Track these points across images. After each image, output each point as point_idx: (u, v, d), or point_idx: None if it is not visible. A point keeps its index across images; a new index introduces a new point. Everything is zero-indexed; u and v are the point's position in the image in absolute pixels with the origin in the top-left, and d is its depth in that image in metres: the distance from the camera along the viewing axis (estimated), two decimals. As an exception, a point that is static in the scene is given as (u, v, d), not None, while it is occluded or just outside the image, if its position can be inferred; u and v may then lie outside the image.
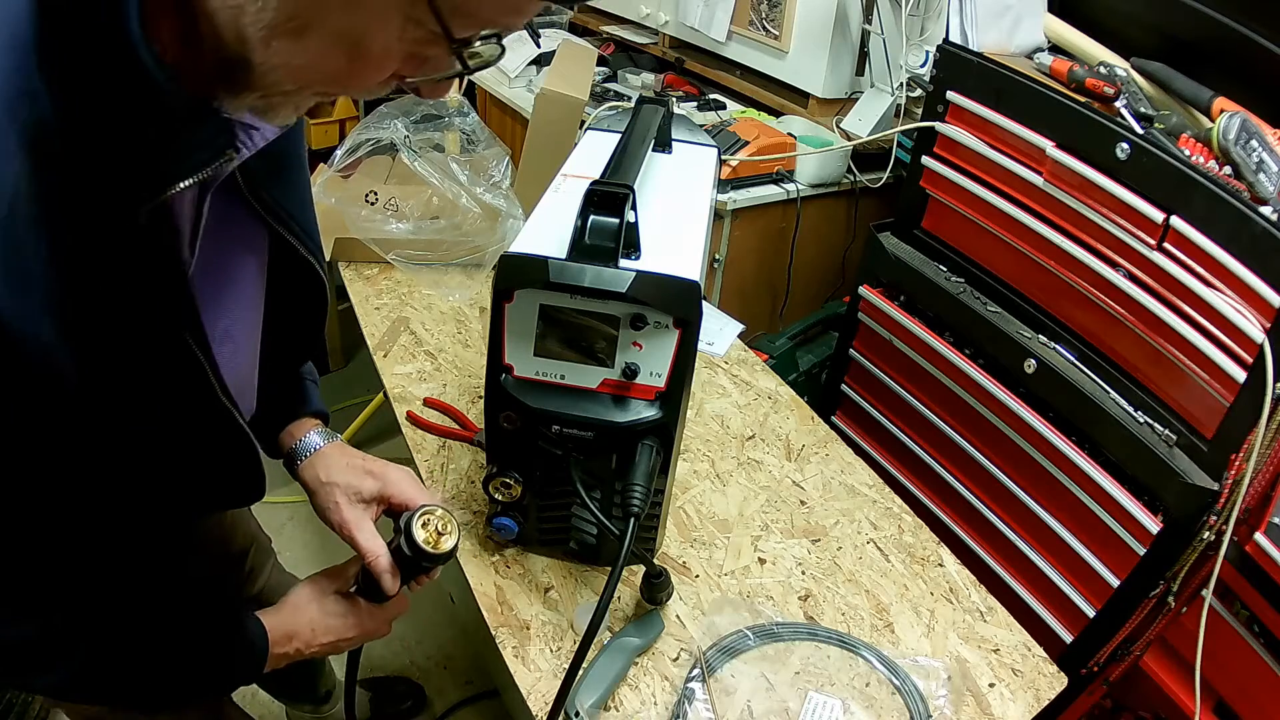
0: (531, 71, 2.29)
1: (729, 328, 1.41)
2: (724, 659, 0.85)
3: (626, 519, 0.75)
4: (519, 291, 0.75)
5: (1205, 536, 1.09)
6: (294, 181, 0.72)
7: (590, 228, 0.73)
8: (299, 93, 0.49)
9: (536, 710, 0.79)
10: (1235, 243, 1.03)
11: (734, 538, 1.01)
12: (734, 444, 1.16)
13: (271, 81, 0.47)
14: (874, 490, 1.11)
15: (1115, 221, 1.16)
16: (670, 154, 1.03)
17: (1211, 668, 1.09)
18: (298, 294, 0.77)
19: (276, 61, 0.45)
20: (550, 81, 1.59)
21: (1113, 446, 1.21)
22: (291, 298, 0.76)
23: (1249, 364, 1.03)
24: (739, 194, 1.73)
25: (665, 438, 0.80)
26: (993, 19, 1.39)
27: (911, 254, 1.52)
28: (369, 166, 1.57)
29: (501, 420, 0.81)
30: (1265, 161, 1.07)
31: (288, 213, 0.70)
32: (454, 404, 1.18)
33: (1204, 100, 1.19)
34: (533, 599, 0.90)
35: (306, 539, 2.09)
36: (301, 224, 0.72)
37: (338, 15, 0.43)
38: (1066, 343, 1.29)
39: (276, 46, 0.44)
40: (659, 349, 0.77)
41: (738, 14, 2.07)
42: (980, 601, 0.96)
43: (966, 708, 0.84)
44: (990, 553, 1.43)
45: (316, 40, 0.44)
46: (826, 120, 1.95)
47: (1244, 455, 1.04)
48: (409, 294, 1.44)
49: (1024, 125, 1.26)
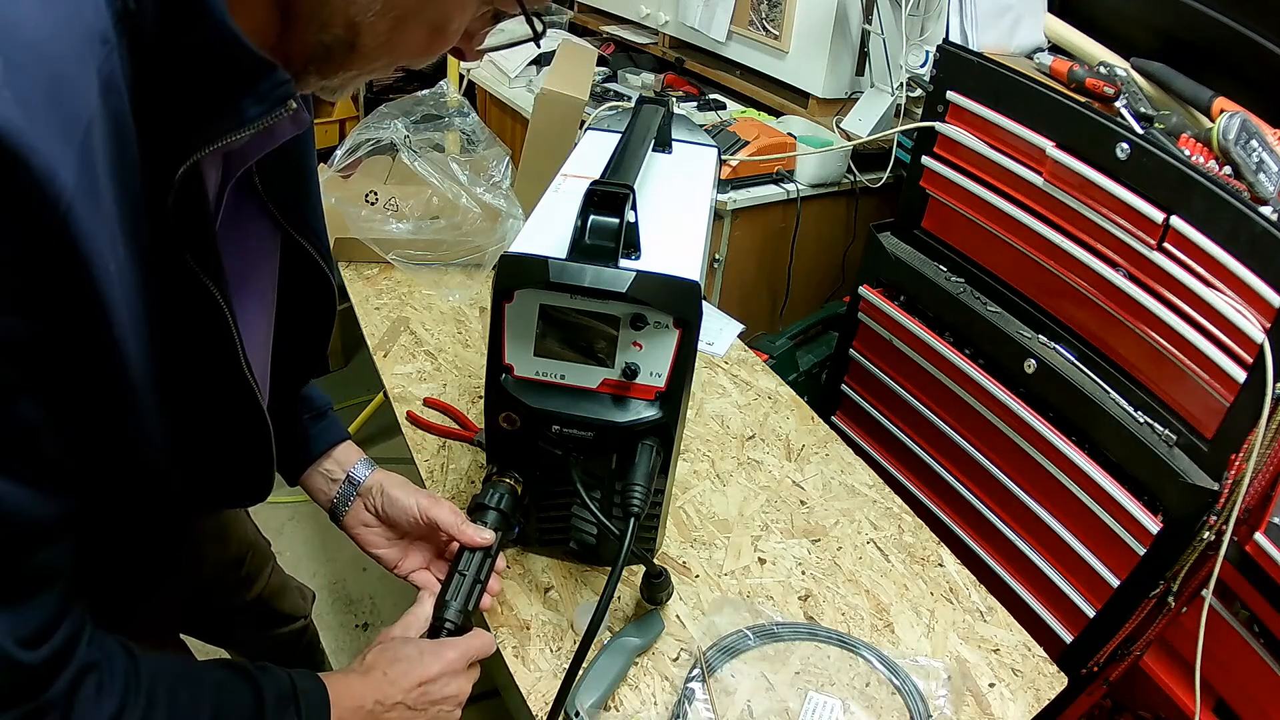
0: (531, 71, 2.29)
1: (729, 328, 1.41)
2: (724, 659, 0.85)
3: (626, 519, 0.74)
4: (519, 291, 0.75)
5: (1205, 536, 1.09)
6: (307, 189, 0.72)
7: (590, 227, 0.73)
8: (381, 69, 0.55)
9: (536, 710, 0.79)
10: (1235, 243, 1.03)
11: (734, 538, 1.01)
12: (734, 444, 1.16)
13: (368, 61, 0.53)
14: (874, 490, 1.11)
15: (1115, 221, 1.16)
16: (670, 154, 1.03)
17: (1211, 668, 1.09)
18: (306, 300, 0.76)
19: (377, 44, 0.52)
20: (550, 81, 1.59)
21: (1113, 446, 1.21)
22: (300, 303, 0.76)
23: (1249, 364, 1.03)
24: (739, 194, 1.73)
25: (665, 438, 0.80)
26: (993, 19, 1.39)
27: (911, 254, 1.52)
28: (369, 166, 1.57)
29: (501, 420, 0.81)
30: (1265, 161, 1.07)
31: (302, 217, 0.70)
32: (454, 404, 1.18)
33: (1204, 100, 1.19)
34: (533, 599, 0.90)
35: (306, 538, 2.09)
36: (314, 229, 0.72)
37: (433, 3, 0.52)
38: (1066, 343, 1.29)
39: (379, 31, 0.51)
40: (659, 349, 0.77)
41: (738, 14, 2.07)
42: (980, 601, 0.96)
43: (966, 708, 0.84)
44: (990, 553, 1.43)
45: (413, 24, 0.52)
46: (826, 120, 1.95)
47: (1244, 455, 1.04)
48: (409, 294, 1.44)
49: (1024, 125, 1.26)
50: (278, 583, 1.21)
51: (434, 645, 0.73)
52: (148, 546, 0.77)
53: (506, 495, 0.83)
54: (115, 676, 0.54)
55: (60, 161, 0.40)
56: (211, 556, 1.06)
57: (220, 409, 0.62)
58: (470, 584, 0.78)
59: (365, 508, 0.86)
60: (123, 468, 0.56)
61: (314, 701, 0.64)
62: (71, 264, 0.43)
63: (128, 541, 0.71)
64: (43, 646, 0.49)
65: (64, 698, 0.50)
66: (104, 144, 0.44)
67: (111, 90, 0.44)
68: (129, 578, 0.76)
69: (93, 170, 0.43)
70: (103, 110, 0.43)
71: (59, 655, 0.50)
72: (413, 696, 0.69)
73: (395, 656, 0.71)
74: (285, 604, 1.25)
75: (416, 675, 0.70)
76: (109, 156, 0.44)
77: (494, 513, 0.82)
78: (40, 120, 0.39)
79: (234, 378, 0.60)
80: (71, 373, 0.47)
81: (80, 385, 0.48)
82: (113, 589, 0.67)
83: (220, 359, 0.58)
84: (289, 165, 0.68)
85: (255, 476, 0.71)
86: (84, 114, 0.42)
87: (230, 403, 0.62)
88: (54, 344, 0.45)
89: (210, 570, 1.06)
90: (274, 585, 1.20)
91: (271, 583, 1.19)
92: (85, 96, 0.42)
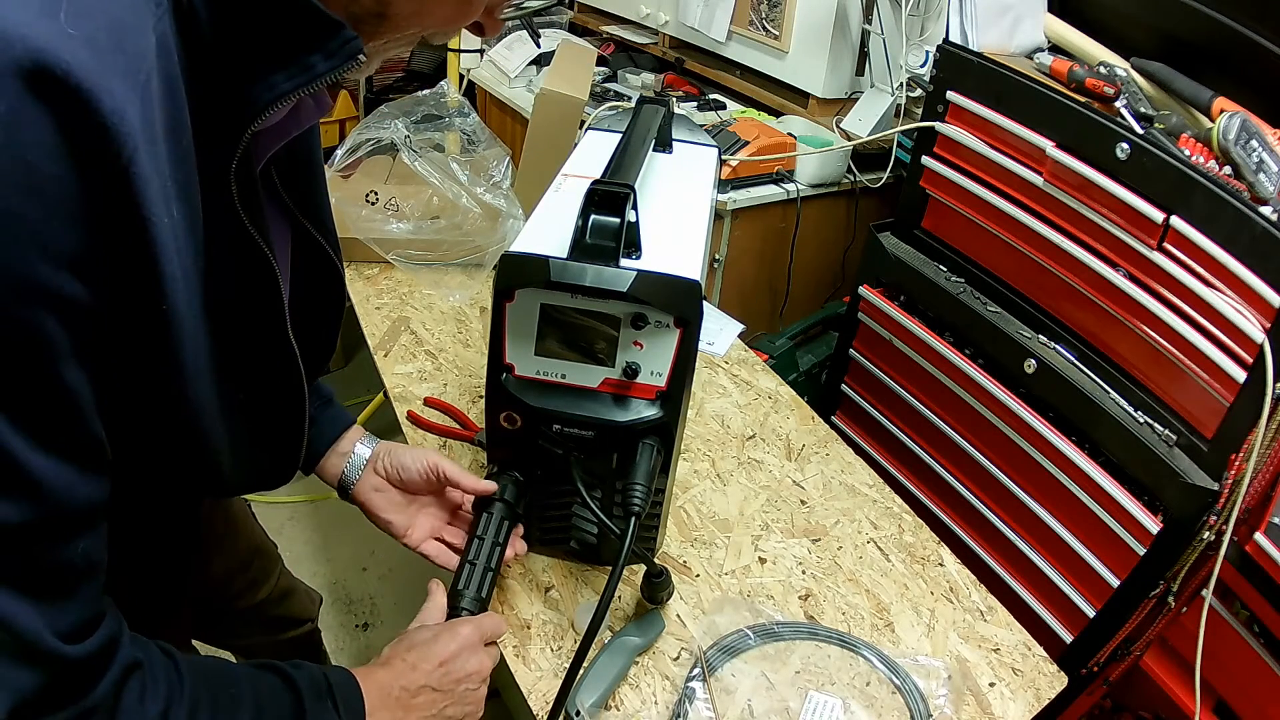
0: (531, 71, 2.29)
1: (729, 328, 1.41)
2: (724, 658, 0.85)
3: (627, 518, 0.74)
4: (520, 291, 0.75)
5: (1205, 536, 1.09)
6: (316, 184, 0.72)
7: (591, 227, 0.73)
8: (408, 41, 0.55)
9: (537, 709, 0.79)
10: (1235, 243, 1.03)
11: (734, 537, 1.01)
12: (734, 444, 1.16)
13: (397, 31, 0.53)
14: (874, 490, 1.11)
15: (1115, 221, 1.16)
16: (670, 154, 1.03)
17: (1211, 668, 1.09)
18: (317, 290, 0.76)
19: (407, 13, 0.52)
20: (550, 81, 1.59)
21: (1113, 446, 1.21)
22: (311, 294, 0.75)
23: (1249, 364, 1.03)
24: (739, 194, 1.73)
25: (666, 437, 0.80)
26: (993, 19, 1.39)
27: (911, 254, 1.52)
28: (369, 166, 1.57)
29: (502, 420, 0.81)
30: (1265, 161, 1.07)
31: (313, 210, 0.70)
32: (454, 404, 1.18)
33: (1204, 100, 1.19)
34: (533, 598, 0.90)
35: (307, 538, 2.09)
36: (324, 222, 0.72)
37: None
38: (1066, 343, 1.29)
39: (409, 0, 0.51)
40: (660, 348, 0.77)
41: (738, 14, 2.07)
42: (980, 601, 0.96)
43: (967, 707, 0.84)
44: (990, 553, 1.43)
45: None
46: (826, 120, 1.95)
47: (1244, 455, 1.04)
48: (409, 294, 1.44)
49: (1024, 125, 1.26)
50: (285, 586, 1.21)
51: (448, 625, 0.74)
52: (165, 546, 0.77)
53: (511, 485, 0.84)
54: (158, 677, 0.53)
55: (128, 102, 0.39)
56: (220, 559, 1.06)
57: (265, 377, 0.61)
58: (481, 572, 0.79)
59: (375, 472, 0.88)
60: (177, 445, 0.55)
61: (348, 695, 0.64)
62: (132, 217, 0.42)
63: (147, 541, 0.71)
64: (85, 642, 0.48)
65: (109, 700, 0.49)
66: (160, 99, 0.43)
67: (164, 51, 0.44)
68: (151, 580, 0.76)
69: (152, 122, 0.42)
70: (158, 68, 0.43)
71: (102, 653, 0.49)
72: (436, 677, 0.69)
73: (411, 643, 0.71)
74: (293, 607, 1.25)
75: (436, 656, 0.70)
76: (165, 113, 0.44)
77: (500, 503, 0.83)
78: (108, 62, 0.39)
79: (280, 343, 0.60)
80: (125, 339, 0.46)
81: (134, 354, 0.47)
82: (138, 593, 0.67)
83: (268, 323, 0.58)
84: (299, 158, 0.68)
85: (290, 450, 0.71)
86: (144, 64, 0.42)
87: (275, 370, 0.62)
88: (109, 306, 0.44)
89: (220, 572, 1.06)
90: (281, 588, 1.20)
91: (279, 586, 1.19)
92: (144, 48, 0.42)
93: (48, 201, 0.38)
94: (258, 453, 0.67)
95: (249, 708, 0.58)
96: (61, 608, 0.47)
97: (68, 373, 0.43)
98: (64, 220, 0.39)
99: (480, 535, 0.81)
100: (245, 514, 1.12)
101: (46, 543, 0.45)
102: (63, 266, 0.40)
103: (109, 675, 0.49)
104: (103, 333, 0.44)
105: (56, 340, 0.41)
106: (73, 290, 0.41)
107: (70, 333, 0.42)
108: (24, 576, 0.44)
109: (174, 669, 0.55)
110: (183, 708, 0.53)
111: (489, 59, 2.32)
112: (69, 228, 0.40)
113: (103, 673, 0.49)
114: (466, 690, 0.72)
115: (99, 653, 0.49)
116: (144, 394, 0.50)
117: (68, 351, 0.42)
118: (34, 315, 0.40)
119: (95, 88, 0.38)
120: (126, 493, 0.55)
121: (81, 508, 0.46)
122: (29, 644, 0.45)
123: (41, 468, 0.43)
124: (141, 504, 0.65)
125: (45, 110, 0.37)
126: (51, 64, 0.36)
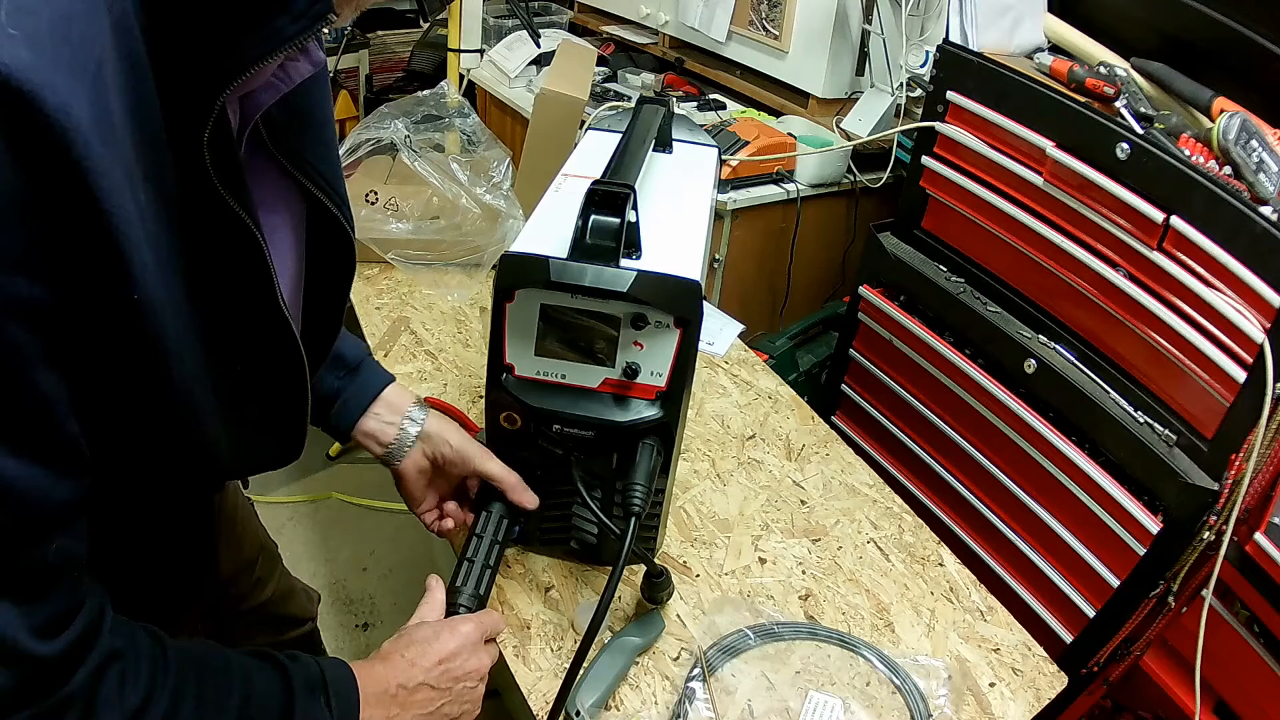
0: (531, 71, 2.29)
1: (729, 328, 1.41)
2: (724, 658, 0.85)
3: (627, 518, 0.74)
4: (520, 291, 0.75)
5: (1205, 536, 1.09)
6: (320, 138, 0.69)
7: (591, 227, 0.73)
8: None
9: (537, 710, 0.79)
10: (1235, 243, 1.03)
11: (734, 537, 1.01)
12: (734, 444, 1.16)
13: None
14: (874, 490, 1.11)
15: (1115, 221, 1.16)
16: (671, 154, 1.03)
17: (1211, 668, 1.09)
18: (324, 249, 0.72)
19: None
20: (550, 81, 1.59)
21: (1113, 446, 1.21)
22: (319, 253, 0.72)
23: (1249, 364, 1.03)
24: (739, 194, 1.73)
25: (666, 437, 0.80)
26: (993, 19, 1.39)
27: (911, 254, 1.52)
28: (369, 166, 1.57)
29: (502, 420, 0.81)
30: (1265, 161, 1.07)
31: (313, 167, 0.67)
32: (454, 404, 1.18)
33: (1204, 100, 1.19)
34: (533, 598, 0.90)
35: (306, 538, 2.09)
36: (327, 179, 0.68)
37: None
38: (1066, 343, 1.29)
39: None
40: (660, 348, 0.77)
41: (738, 14, 2.07)
42: (980, 601, 0.96)
43: (967, 707, 0.84)
44: (990, 553, 1.43)
45: None
46: (826, 120, 1.95)
47: (1244, 455, 1.04)
48: (409, 294, 1.44)
49: (1024, 125, 1.26)
50: (286, 585, 1.21)
51: (448, 623, 0.74)
52: (179, 540, 0.77)
53: None
54: (141, 665, 0.52)
55: (74, 95, 0.39)
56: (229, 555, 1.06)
57: (259, 350, 0.60)
58: (480, 570, 0.80)
59: (424, 454, 0.87)
60: (171, 429, 0.54)
61: (343, 690, 0.63)
62: (88, 211, 0.41)
63: (162, 535, 0.71)
64: (60, 637, 0.47)
65: (86, 690, 0.49)
66: (118, 84, 0.43)
67: (123, 31, 0.43)
68: (167, 575, 0.75)
69: (107, 110, 0.42)
70: (115, 51, 0.42)
71: (78, 645, 0.49)
72: (434, 675, 0.69)
73: (411, 640, 0.71)
74: (294, 606, 1.25)
75: (435, 654, 0.70)
76: (125, 98, 0.43)
77: (500, 502, 0.84)
78: (49, 57, 0.38)
79: (270, 311, 0.58)
80: (97, 335, 0.45)
81: (113, 345, 0.47)
82: (154, 588, 0.66)
83: (256, 292, 0.57)
84: (296, 114, 0.65)
85: (292, 426, 0.69)
86: (94, 52, 0.41)
87: (268, 342, 0.60)
88: (75, 304, 0.43)
89: (228, 570, 1.06)
90: (283, 588, 1.19)
91: (280, 585, 1.19)
92: (95, 35, 0.41)
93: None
94: (258, 431, 0.66)
95: (236, 698, 0.57)
96: (36, 606, 0.46)
97: (39, 377, 0.42)
98: (14, 224, 0.39)
99: (479, 533, 0.82)
100: (250, 512, 1.12)
101: (21, 545, 0.45)
102: (19, 271, 0.39)
103: (86, 665, 0.49)
104: (73, 331, 0.43)
105: (24, 346, 0.41)
106: (32, 293, 0.40)
107: (36, 336, 0.41)
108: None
109: (160, 656, 0.54)
110: (165, 696, 0.52)
111: (489, 59, 2.31)
112: (18, 231, 0.39)
113: (79, 663, 0.49)
114: (465, 689, 0.72)
115: (75, 644, 0.48)
116: (131, 382, 0.49)
117: (37, 355, 0.42)
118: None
119: (37, 87, 0.37)
120: (136, 487, 0.54)
121: (56, 509, 0.46)
122: (3, 643, 0.44)
123: (15, 474, 0.43)
124: (153, 498, 0.64)
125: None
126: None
